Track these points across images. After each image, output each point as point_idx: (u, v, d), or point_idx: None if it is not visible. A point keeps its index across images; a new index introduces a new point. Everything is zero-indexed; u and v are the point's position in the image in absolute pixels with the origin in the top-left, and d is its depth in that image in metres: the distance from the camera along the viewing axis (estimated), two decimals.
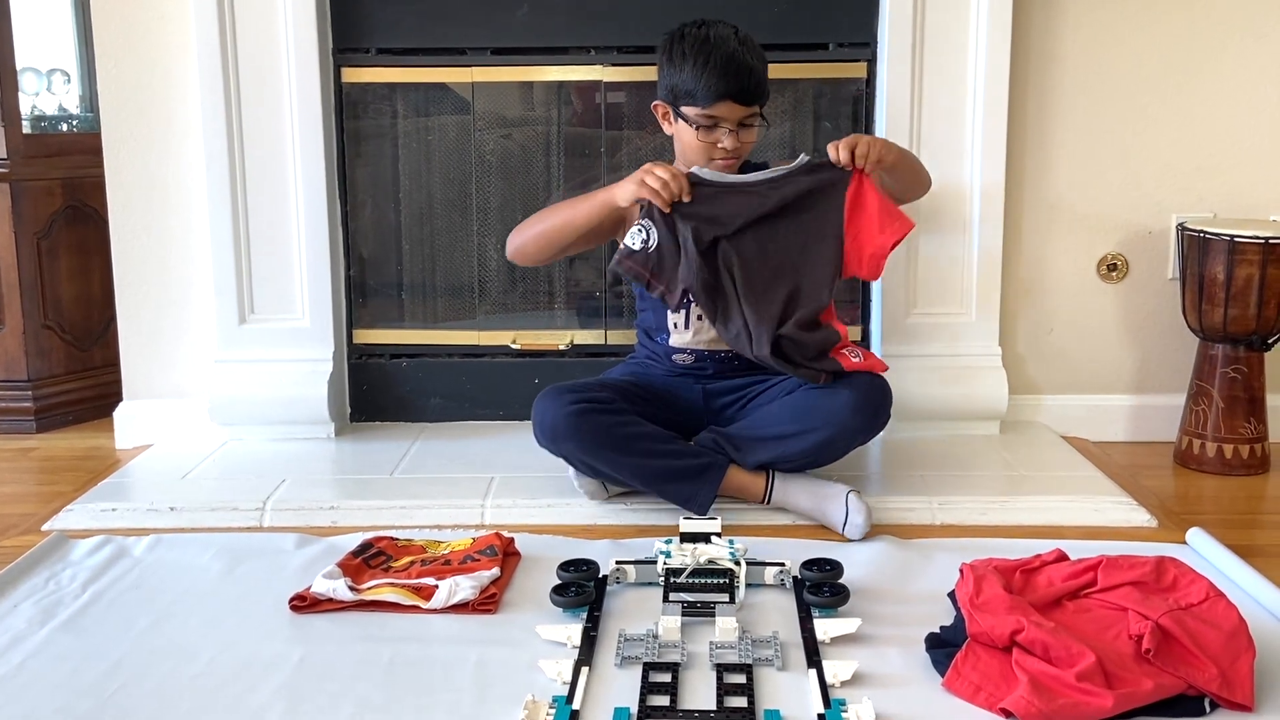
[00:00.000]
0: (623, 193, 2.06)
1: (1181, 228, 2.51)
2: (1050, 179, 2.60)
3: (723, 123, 2.07)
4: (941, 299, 2.56)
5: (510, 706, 1.45)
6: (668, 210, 2.04)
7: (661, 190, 2.01)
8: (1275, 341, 2.44)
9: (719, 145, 2.08)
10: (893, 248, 2.08)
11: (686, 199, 2.04)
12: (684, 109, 2.09)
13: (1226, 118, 2.58)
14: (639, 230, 2.07)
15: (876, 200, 2.07)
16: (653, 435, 2.06)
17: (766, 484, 2.09)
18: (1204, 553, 1.94)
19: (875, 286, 2.59)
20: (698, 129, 2.08)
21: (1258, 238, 2.36)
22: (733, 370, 2.19)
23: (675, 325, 2.19)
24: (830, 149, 2.05)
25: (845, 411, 2.03)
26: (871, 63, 2.54)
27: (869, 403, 2.05)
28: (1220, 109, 2.58)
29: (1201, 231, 2.43)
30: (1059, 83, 2.57)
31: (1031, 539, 1.98)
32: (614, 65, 2.58)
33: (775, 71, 2.56)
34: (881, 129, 2.51)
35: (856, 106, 2.59)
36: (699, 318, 2.16)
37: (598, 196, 2.11)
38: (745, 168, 2.16)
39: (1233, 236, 2.38)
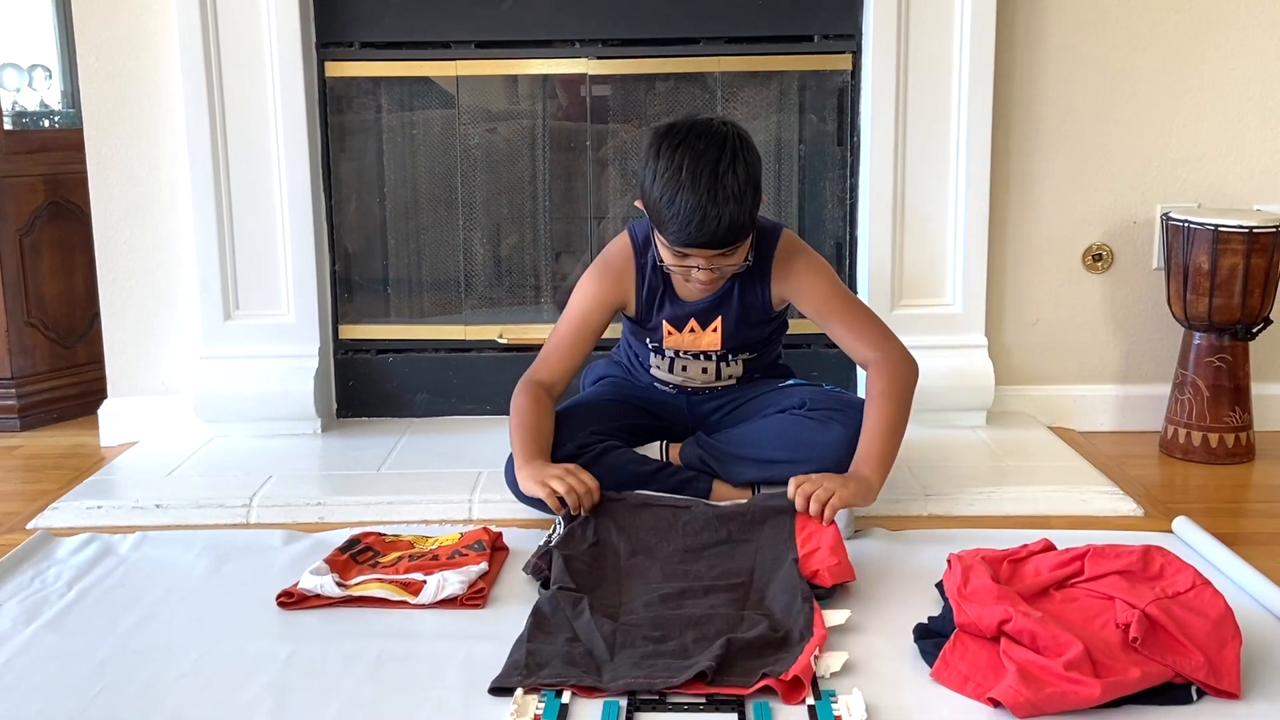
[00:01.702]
0: (526, 482, 1.88)
1: (1166, 217, 2.52)
2: (1035, 170, 2.61)
3: (693, 257, 1.87)
4: (927, 290, 2.57)
5: (499, 702, 1.45)
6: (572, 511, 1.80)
7: (567, 495, 1.79)
8: (1259, 330, 2.45)
9: (693, 275, 1.89)
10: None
11: (584, 511, 1.79)
12: (655, 231, 1.90)
13: (1210, 108, 2.59)
14: (554, 526, 1.85)
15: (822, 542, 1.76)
16: (630, 481, 1.99)
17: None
18: (1190, 541, 1.94)
19: (861, 279, 2.59)
20: (670, 257, 1.89)
21: (1242, 227, 2.36)
22: (717, 394, 2.15)
23: (657, 366, 2.13)
24: (791, 485, 1.79)
25: (840, 449, 1.97)
26: (856, 54, 2.54)
27: None
28: (1204, 99, 2.58)
29: (1186, 221, 2.43)
30: (1043, 74, 2.57)
31: (1018, 529, 1.99)
32: (599, 58, 2.57)
33: (759, 64, 2.58)
34: (867, 121, 2.51)
35: (841, 99, 2.59)
36: (683, 368, 2.10)
37: (520, 459, 1.92)
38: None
39: (1217, 226, 2.38)
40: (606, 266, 2.04)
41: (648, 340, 2.09)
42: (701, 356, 2.08)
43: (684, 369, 2.10)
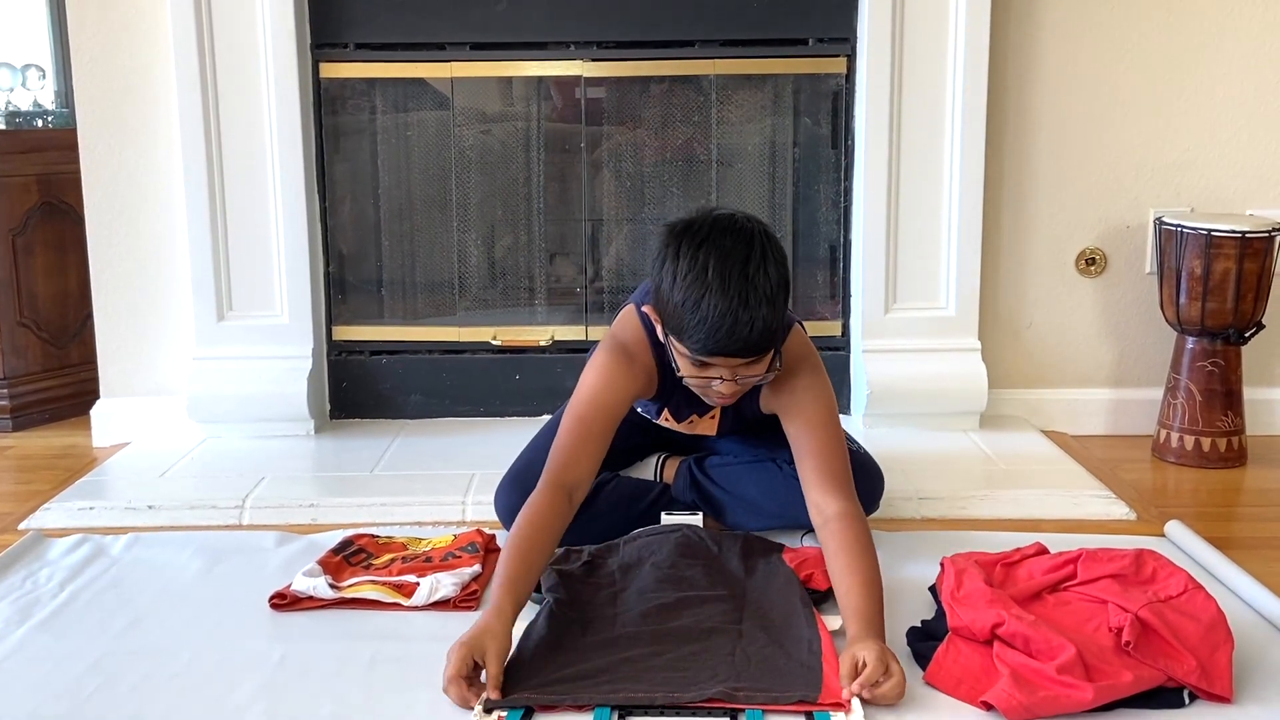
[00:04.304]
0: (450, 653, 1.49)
1: (1159, 222, 2.52)
2: (1029, 173, 2.61)
3: (716, 367, 1.64)
4: (921, 294, 2.57)
5: None
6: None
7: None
8: (1252, 335, 2.45)
9: (713, 387, 1.66)
10: None
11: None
12: (673, 339, 1.65)
13: (1203, 113, 2.59)
14: None
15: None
16: (623, 524, 1.94)
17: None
18: (1182, 545, 1.95)
19: (855, 282, 2.59)
20: (689, 367, 1.66)
21: (1234, 232, 2.37)
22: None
23: (655, 418, 2.03)
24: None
25: None
26: (851, 58, 2.54)
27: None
28: (1196, 104, 2.59)
29: (1179, 226, 2.44)
30: (1037, 78, 2.57)
31: (1011, 532, 1.99)
32: (594, 60, 2.57)
33: (754, 67, 2.58)
34: (861, 124, 2.52)
35: (836, 102, 2.59)
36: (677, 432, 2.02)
37: (491, 597, 1.57)
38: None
39: (1210, 231, 2.39)
40: (627, 354, 1.80)
41: (639, 408, 1.97)
42: (698, 435, 2.03)
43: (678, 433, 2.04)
